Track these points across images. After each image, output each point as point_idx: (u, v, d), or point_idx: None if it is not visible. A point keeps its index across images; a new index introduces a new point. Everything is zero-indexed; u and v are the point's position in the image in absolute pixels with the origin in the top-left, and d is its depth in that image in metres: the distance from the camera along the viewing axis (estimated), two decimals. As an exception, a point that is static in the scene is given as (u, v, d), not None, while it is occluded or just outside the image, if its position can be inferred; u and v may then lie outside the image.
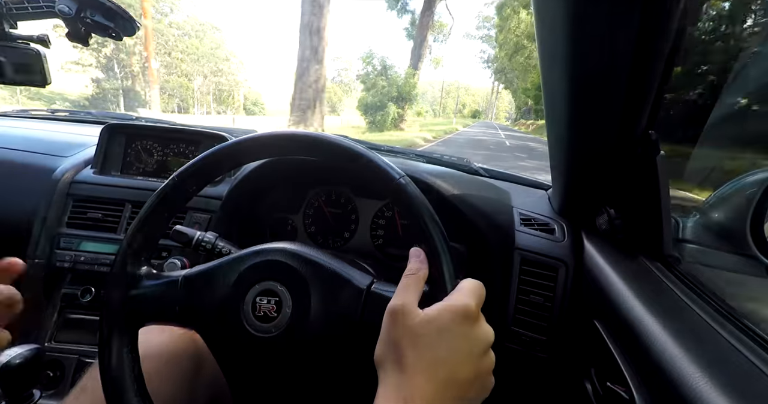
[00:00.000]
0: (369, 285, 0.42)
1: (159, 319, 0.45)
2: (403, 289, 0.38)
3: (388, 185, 0.42)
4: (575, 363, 0.66)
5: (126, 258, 0.44)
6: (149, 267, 0.47)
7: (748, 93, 0.76)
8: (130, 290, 0.44)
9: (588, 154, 0.63)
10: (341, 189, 0.92)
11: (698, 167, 0.79)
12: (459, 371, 0.34)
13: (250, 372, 0.45)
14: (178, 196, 0.47)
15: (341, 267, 0.44)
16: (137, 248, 0.45)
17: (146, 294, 0.44)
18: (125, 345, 0.43)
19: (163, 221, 0.46)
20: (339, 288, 0.42)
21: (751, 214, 0.50)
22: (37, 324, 0.91)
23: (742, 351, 0.38)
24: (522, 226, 0.80)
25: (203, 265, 0.47)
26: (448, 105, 53.40)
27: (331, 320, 0.42)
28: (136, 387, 0.41)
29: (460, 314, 0.35)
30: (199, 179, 0.47)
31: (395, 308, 0.36)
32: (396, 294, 0.38)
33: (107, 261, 0.90)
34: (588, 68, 0.47)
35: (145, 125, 1.06)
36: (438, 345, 0.34)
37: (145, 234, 0.45)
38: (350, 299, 0.42)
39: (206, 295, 0.44)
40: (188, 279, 0.45)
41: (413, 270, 0.39)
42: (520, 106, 52.56)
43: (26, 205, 0.93)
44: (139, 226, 0.45)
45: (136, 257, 0.45)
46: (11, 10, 0.60)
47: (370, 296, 0.41)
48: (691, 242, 0.62)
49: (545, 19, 0.47)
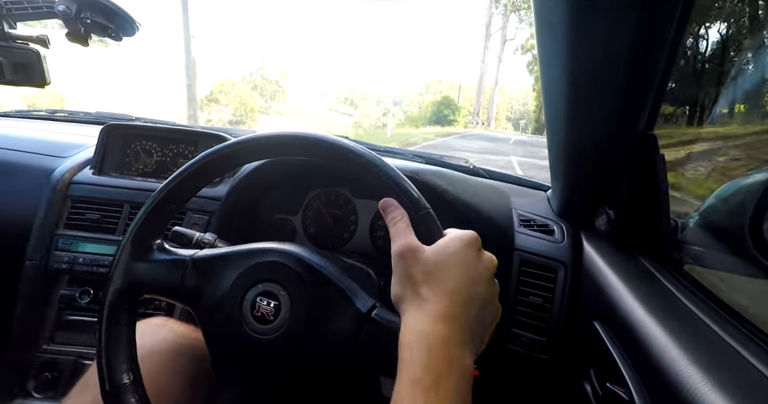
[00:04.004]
0: (370, 309, 0.42)
1: (160, 293, 0.46)
2: (400, 233, 0.39)
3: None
4: (574, 364, 0.66)
5: (141, 231, 0.45)
6: (162, 241, 0.47)
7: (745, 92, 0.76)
8: (140, 259, 0.45)
9: (587, 155, 0.63)
10: (340, 190, 0.92)
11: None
12: (473, 292, 0.36)
13: (236, 368, 0.45)
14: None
15: (347, 284, 0.44)
16: (150, 228, 0.46)
17: (152, 266, 0.45)
18: (124, 310, 0.43)
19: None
20: (340, 306, 0.42)
21: (750, 215, 0.50)
22: (35, 325, 0.90)
23: (741, 352, 0.38)
24: (521, 227, 0.80)
25: (212, 251, 0.47)
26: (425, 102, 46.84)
27: (326, 337, 0.41)
28: (129, 355, 0.43)
29: (466, 241, 0.38)
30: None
31: (402, 248, 0.37)
32: (395, 239, 0.39)
33: (105, 262, 0.90)
34: (587, 68, 0.47)
35: (144, 125, 1.06)
36: (451, 271, 0.36)
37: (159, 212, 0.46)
38: (349, 320, 0.41)
39: (210, 281, 0.44)
40: (196, 262, 0.45)
41: (398, 217, 0.40)
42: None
43: (25, 206, 0.92)
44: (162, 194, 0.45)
45: (153, 229, 0.46)
46: (11, 11, 0.60)
47: (369, 322, 0.41)
48: (690, 243, 0.62)
49: (545, 19, 0.47)
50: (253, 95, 29.19)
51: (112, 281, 0.44)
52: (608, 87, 0.49)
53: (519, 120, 61.02)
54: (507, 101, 63.29)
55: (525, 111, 63.13)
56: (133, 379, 0.42)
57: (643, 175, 0.57)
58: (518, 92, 68.34)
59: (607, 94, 0.50)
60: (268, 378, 0.43)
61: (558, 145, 0.66)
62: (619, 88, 0.49)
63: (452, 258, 0.36)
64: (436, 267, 0.36)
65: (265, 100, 35.96)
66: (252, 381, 0.44)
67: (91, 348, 0.88)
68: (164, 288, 0.45)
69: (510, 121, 60.18)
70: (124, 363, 0.42)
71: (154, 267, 0.45)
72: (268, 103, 36.25)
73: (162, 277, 0.45)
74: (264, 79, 35.37)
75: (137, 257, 0.45)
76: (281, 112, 37.40)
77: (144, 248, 0.45)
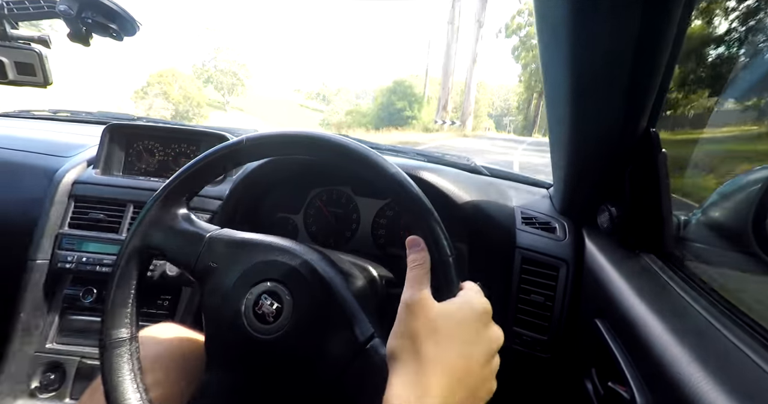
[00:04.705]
0: (368, 339, 0.41)
1: (175, 262, 0.46)
2: (416, 281, 0.37)
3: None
4: (576, 362, 0.66)
5: (170, 195, 0.46)
6: (188, 211, 0.48)
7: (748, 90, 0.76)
8: (163, 223, 0.45)
9: (589, 153, 0.63)
10: (342, 188, 0.92)
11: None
12: (473, 368, 0.34)
13: (226, 355, 0.45)
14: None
15: (351, 306, 0.43)
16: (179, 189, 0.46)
17: (174, 234, 0.46)
18: (136, 270, 0.44)
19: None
20: (339, 330, 0.42)
21: (753, 212, 0.50)
22: (38, 325, 0.91)
23: (744, 350, 0.38)
24: (523, 225, 0.80)
25: (232, 233, 0.47)
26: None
27: (318, 356, 0.42)
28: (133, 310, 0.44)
29: (478, 312, 0.36)
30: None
31: (413, 300, 0.35)
32: (408, 285, 0.37)
33: (109, 261, 0.90)
34: (590, 67, 0.47)
35: (146, 125, 1.07)
36: (456, 341, 0.34)
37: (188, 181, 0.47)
38: (344, 347, 0.41)
39: (221, 264, 0.44)
40: (213, 240, 0.45)
41: (419, 260, 0.38)
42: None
43: (28, 206, 0.93)
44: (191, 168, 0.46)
45: (180, 194, 0.47)
46: (12, 11, 0.60)
47: (364, 353, 0.41)
48: (692, 240, 0.62)
49: (546, 18, 0.47)
50: (201, 88, 25.86)
51: (131, 240, 0.44)
52: (611, 85, 0.49)
53: (502, 117, 56.69)
54: (488, 97, 59.38)
55: (506, 106, 59.58)
56: (131, 336, 0.43)
57: (646, 172, 0.57)
58: (499, 88, 64.65)
59: (609, 93, 0.50)
60: (256, 372, 0.44)
61: (560, 143, 0.66)
62: (621, 86, 0.49)
63: (459, 329, 0.34)
64: (442, 332, 0.34)
65: (222, 95, 32.46)
66: (237, 371, 0.44)
67: (95, 348, 0.89)
68: (180, 259, 0.46)
69: (492, 117, 55.60)
70: (125, 318, 0.43)
71: (175, 234, 0.45)
72: (225, 97, 32.81)
73: (179, 247, 0.45)
74: (218, 71, 31.39)
75: (161, 221, 0.45)
76: (242, 107, 34.19)
77: (169, 213, 0.46)
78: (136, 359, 0.43)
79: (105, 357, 0.41)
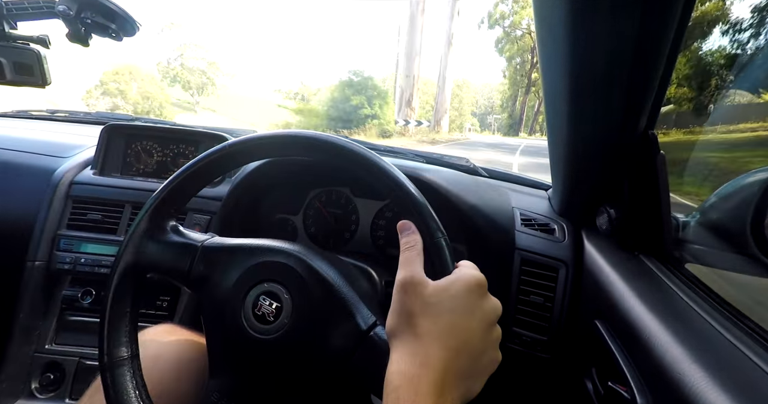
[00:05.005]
0: (371, 327, 0.42)
1: (168, 274, 0.46)
2: (408, 262, 0.37)
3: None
4: (576, 362, 0.66)
5: (157, 209, 0.45)
6: (177, 223, 0.48)
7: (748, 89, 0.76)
8: (153, 238, 0.45)
9: (588, 154, 0.63)
10: (341, 189, 0.92)
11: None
12: (471, 340, 0.34)
13: (228, 359, 0.45)
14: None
15: (351, 297, 0.43)
16: (168, 200, 0.46)
17: (164, 247, 0.45)
18: (131, 286, 0.44)
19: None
20: (341, 321, 0.42)
21: (751, 213, 0.50)
22: (37, 326, 0.90)
23: (744, 351, 0.38)
24: (522, 226, 0.80)
25: (224, 240, 0.47)
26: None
27: (322, 349, 0.41)
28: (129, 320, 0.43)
29: (472, 284, 0.36)
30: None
31: (406, 279, 0.36)
32: (402, 267, 0.37)
33: (107, 263, 0.90)
34: (588, 67, 0.47)
35: (144, 126, 1.06)
36: (451, 314, 0.34)
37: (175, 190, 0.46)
38: (347, 337, 0.41)
39: (217, 271, 0.44)
40: (206, 249, 0.45)
41: (411, 242, 0.39)
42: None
43: (26, 207, 0.93)
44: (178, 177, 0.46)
45: (168, 206, 0.46)
46: (11, 11, 0.60)
47: (367, 339, 0.41)
48: (691, 241, 0.62)
49: (545, 19, 0.47)
50: (164, 87, 24.02)
51: (122, 256, 0.44)
52: (609, 86, 0.49)
53: (486, 115, 54.20)
54: (472, 96, 58.18)
55: (490, 105, 57.68)
56: (131, 355, 0.42)
57: (645, 174, 0.57)
58: (483, 87, 63.13)
59: (608, 94, 0.50)
60: (259, 374, 0.44)
61: (559, 144, 0.66)
62: (620, 88, 0.49)
63: (453, 302, 0.35)
64: (436, 307, 0.34)
65: (191, 94, 30.16)
66: (242, 374, 0.44)
67: (94, 348, 0.89)
68: (173, 270, 0.45)
69: (476, 116, 53.94)
70: (124, 337, 0.42)
71: (166, 247, 0.45)
72: (195, 97, 30.45)
73: (172, 259, 0.45)
74: (185, 69, 28.84)
75: (151, 235, 0.45)
76: (214, 108, 32.07)
77: (158, 227, 0.46)
78: (139, 376, 0.42)
79: (107, 377, 0.41)
